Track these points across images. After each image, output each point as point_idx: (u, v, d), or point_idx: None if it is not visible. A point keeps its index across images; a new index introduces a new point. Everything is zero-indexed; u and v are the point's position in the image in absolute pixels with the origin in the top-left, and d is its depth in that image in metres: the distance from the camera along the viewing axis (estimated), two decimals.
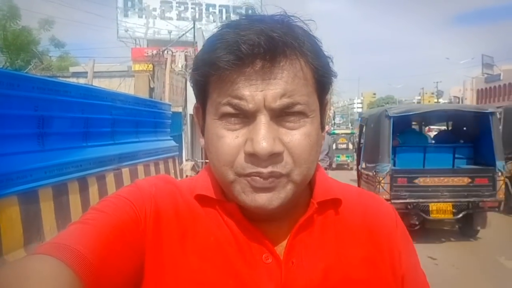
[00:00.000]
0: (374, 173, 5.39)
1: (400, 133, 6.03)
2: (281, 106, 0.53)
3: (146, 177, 0.71)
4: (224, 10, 23.58)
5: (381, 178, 5.19)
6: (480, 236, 5.73)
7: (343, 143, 16.75)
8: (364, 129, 6.75)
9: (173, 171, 4.81)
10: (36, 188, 2.03)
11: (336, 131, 18.07)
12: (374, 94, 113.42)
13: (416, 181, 5.26)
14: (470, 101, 51.26)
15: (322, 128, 0.62)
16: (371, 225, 0.64)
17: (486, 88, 47.72)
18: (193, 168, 7.16)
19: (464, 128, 6.28)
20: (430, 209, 5.15)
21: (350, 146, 16.47)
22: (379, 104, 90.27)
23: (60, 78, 10.13)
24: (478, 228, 5.48)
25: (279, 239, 0.60)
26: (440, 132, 7.57)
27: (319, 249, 0.60)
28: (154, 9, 23.44)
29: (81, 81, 8.86)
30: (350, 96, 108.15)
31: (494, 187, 5.19)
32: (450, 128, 7.06)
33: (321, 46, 0.59)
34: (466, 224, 5.62)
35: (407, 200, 5.20)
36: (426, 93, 76.53)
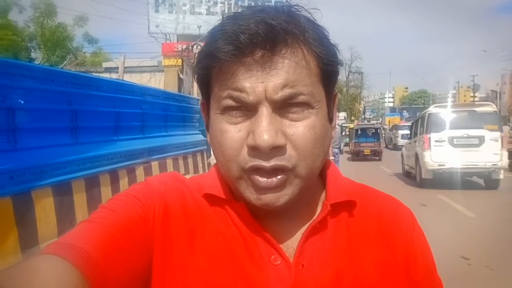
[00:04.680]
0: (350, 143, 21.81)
1: (360, 131, 20.84)
2: (283, 97, 0.51)
3: (157, 174, 0.70)
4: (253, 4, 23.51)
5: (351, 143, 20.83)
6: (505, 229, 5.55)
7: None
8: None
9: (201, 164, 4.87)
10: (69, 180, 2.10)
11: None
12: (406, 88, 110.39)
13: (361, 144, 19.67)
14: (508, 96, 49.10)
15: (330, 120, 0.59)
16: (386, 228, 0.62)
17: None
18: None
19: (375, 130, 20.74)
20: (364, 151, 19.17)
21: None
22: (411, 99, 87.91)
23: (94, 73, 10.41)
24: (381, 157, 18.91)
25: (289, 240, 0.59)
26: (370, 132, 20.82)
27: (330, 252, 0.58)
28: (184, 4, 23.67)
29: (113, 76, 9.08)
30: (381, 90, 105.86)
31: (380, 146, 19.54)
32: (372, 131, 20.69)
33: (328, 34, 0.56)
34: (376, 156, 18.99)
35: (358, 148, 19.47)
36: (461, 87, 73.85)
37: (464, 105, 12.51)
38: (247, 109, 0.53)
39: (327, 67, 0.55)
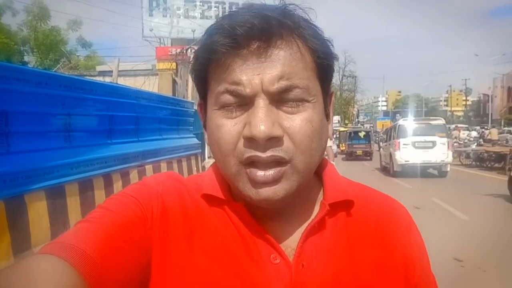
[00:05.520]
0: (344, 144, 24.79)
1: (353, 134, 24.00)
2: (279, 89, 0.52)
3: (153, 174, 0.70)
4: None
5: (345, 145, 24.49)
6: (498, 231, 5.59)
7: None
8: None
9: (195, 168, 4.86)
10: (62, 183, 2.09)
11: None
12: (400, 92, 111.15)
13: (354, 145, 22.97)
14: (500, 99, 49.59)
15: (327, 116, 0.59)
16: (384, 228, 0.62)
17: None
18: None
19: (366, 133, 24.00)
20: (356, 152, 22.42)
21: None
22: (404, 102, 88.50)
23: (87, 77, 10.38)
24: (372, 157, 21.47)
25: (288, 239, 0.59)
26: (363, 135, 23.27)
27: (330, 252, 0.58)
28: (178, 8, 23.71)
29: (107, 79, 9.06)
30: (375, 94, 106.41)
31: (371, 147, 22.89)
32: (364, 133, 23.61)
33: (322, 33, 0.57)
34: (367, 156, 22.17)
35: (351, 149, 22.73)
36: (454, 91, 74.56)
37: (422, 119, 16.42)
38: (244, 103, 0.53)
39: (322, 61, 0.56)
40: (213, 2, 23.83)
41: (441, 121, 14.34)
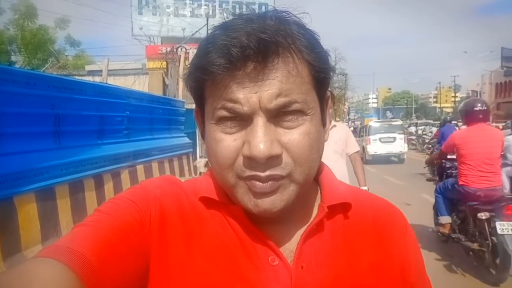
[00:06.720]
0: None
1: None
2: (277, 106, 0.52)
3: (152, 177, 0.69)
4: (237, 7, 23.56)
5: None
6: None
7: None
8: None
9: (187, 167, 4.85)
10: (53, 185, 2.07)
11: None
12: (390, 89, 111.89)
13: None
14: (488, 96, 50.23)
15: (324, 124, 0.60)
16: (381, 230, 0.63)
17: (505, 82, 46.66)
18: (206, 165, 7.17)
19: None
20: None
21: None
22: (394, 99, 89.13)
23: (76, 77, 10.27)
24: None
25: (286, 241, 0.59)
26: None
27: (328, 254, 0.58)
28: (168, 7, 23.59)
29: (97, 79, 8.98)
30: (365, 91, 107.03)
31: None
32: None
33: (319, 39, 0.56)
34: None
35: None
36: (443, 88, 75.27)
37: (386, 120, 21.74)
38: (242, 119, 0.53)
39: (319, 74, 0.55)
40: (203, 0, 23.74)
41: (399, 122, 20.15)
